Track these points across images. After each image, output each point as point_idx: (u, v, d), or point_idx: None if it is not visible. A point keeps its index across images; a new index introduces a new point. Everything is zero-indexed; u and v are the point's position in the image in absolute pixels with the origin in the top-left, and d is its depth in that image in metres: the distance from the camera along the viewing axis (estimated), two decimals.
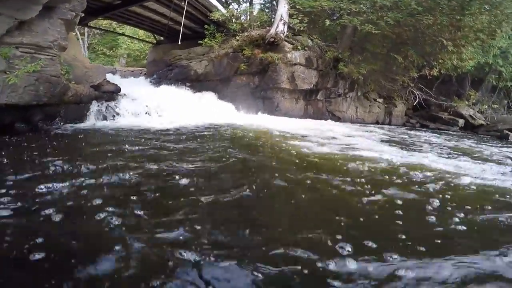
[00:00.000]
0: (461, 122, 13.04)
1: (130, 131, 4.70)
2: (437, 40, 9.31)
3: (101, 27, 16.84)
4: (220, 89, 9.30)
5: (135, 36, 17.15)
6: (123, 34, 17.61)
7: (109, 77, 8.23)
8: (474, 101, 13.82)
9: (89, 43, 20.33)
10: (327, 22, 9.86)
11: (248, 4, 12.71)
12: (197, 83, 9.59)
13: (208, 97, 8.57)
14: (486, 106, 13.68)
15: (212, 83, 9.55)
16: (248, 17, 11.11)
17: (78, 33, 19.04)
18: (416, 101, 12.52)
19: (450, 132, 11.99)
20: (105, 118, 5.57)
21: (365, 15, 9.66)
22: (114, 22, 16.26)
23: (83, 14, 10.70)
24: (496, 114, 13.48)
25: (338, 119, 10.39)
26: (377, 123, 12.19)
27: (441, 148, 6.06)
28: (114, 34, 18.33)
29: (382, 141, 6.25)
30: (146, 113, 6.05)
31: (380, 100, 12.55)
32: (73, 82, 5.24)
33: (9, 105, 4.09)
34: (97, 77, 5.91)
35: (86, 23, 11.07)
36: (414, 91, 12.46)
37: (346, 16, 9.68)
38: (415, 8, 8.81)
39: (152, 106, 6.22)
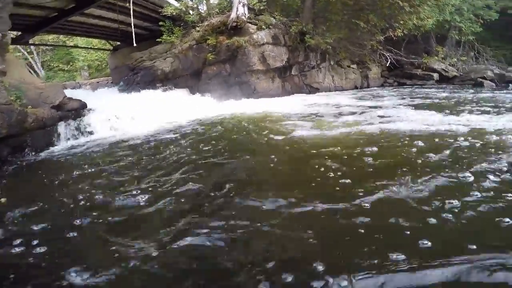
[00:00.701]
0: (435, 76, 13.59)
1: (103, 147, 4.38)
2: (393, 2, 9.41)
3: (47, 43, 15.50)
4: (193, 84, 8.96)
5: (88, 46, 15.99)
6: (73, 47, 16.39)
7: (73, 93, 7.70)
8: (443, 56, 14.40)
9: (42, 61, 18.85)
10: None
11: None
12: (167, 81, 9.16)
13: (181, 94, 8.21)
14: (455, 59, 14.25)
15: (182, 79, 9.18)
16: (205, 6, 10.60)
17: (25, 53, 17.60)
18: (388, 62, 12.80)
19: (432, 86, 12.58)
20: (76, 137, 5.17)
21: None
22: (61, 35, 15.07)
23: (16, 33, 9.77)
24: (466, 65, 14.09)
25: (316, 90, 10.38)
26: (355, 88, 12.36)
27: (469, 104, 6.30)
28: (64, 47, 17.00)
29: (414, 107, 6.00)
30: (116, 125, 5.63)
31: (354, 66, 12.71)
32: (30, 106, 4.72)
33: None
34: (55, 96, 5.39)
35: (25, 41, 10.11)
36: (384, 53, 12.71)
37: None
38: None
39: (123, 116, 5.82)
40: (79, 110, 5.75)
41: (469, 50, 14.80)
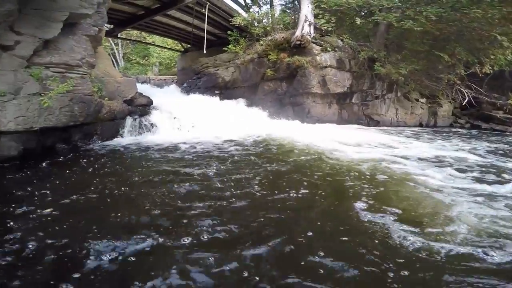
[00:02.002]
0: None
1: (161, 149, 4.64)
2: (487, 35, 8.19)
3: (131, 38, 17.53)
4: (248, 96, 9.09)
5: (163, 45, 17.65)
6: (150, 44, 18.21)
7: (143, 87, 8.47)
8: None
9: (124, 53, 21.43)
10: (358, 21, 9.13)
11: (268, 6, 12.28)
12: (226, 90, 9.50)
13: (236, 105, 8.40)
14: None
15: (240, 90, 9.38)
16: (270, 19, 10.74)
17: (112, 44, 20.24)
18: (466, 100, 11.19)
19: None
20: (139, 133, 5.56)
21: (400, 10, 8.84)
22: (143, 32, 16.93)
23: (107, 27, 11.10)
24: None
25: (376, 123, 9.60)
26: (420, 125, 11.14)
27: None
28: (144, 44, 19.01)
29: None
30: (178, 127, 5.98)
31: (423, 100, 11.47)
32: (106, 98, 5.26)
33: (48, 128, 4.14)
34: (129, 91, 5.92)
35: (115, 34, 11.55)
36: (462, 89, 11.17)
37: (379, 13, 8.92)
38: (459, 0, 7.81)
39: (184, 118, 6.16)
40: (146, 106, 6.18)
41: None
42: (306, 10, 8.76)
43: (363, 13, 10.24)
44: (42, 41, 4.10)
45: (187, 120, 6.11)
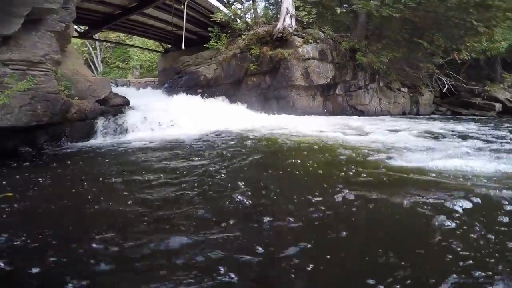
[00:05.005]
0: (498, 106, 12.04)
1: (137, 149, 4.32)
2: (463, 22, 8.43)
3: (110, 40, 16.98)
4: (232, 93, 8.87)
5: (143, 47, 17.18)
6: (131, 45, 17.70)
7: (120, 89, 8.05)
8: (509, 84, 12.66)
9: (103, 57, 20.71)
10: (338, 10, 9.15)
11: (251, 2, 12.14)
12: (208, 88, 9.23)
13: (219, 102, 8.15)
14: None
15: (223, 87, 9.15)
16: (253, 14, 10.58)
17: (90, 48, 19.53)
18: (446, 88, 11.55)
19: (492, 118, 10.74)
20: (113, 134, 5.22)
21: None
22: (123, 34, 16.40)
23: (82, 29, 10.64)
24: None
25: (361, 113, 9.62)
26: (403, 114, 11.37)
27: None
28: (123, 46, 18.47)
29: None
30: (156, 126, 5.66)
31: (405, 89, 11.73)
32: (76, 98, 4.92)
33: (7, 128, 3.76)
34: (102, 90, 5.55)
35: (90, 35, 11.14)
36: (442, 78, 11.51)
37: (359, 1, 8.96)
38: None
39: (162, 117, 5.83)
40: (121, 106, 5.81)
41: None
42: (287, 2, 8.71)
43: (343, 4, 10.34)
44: (1, 37, 3.76)
45: (165, 118, 5.79)
